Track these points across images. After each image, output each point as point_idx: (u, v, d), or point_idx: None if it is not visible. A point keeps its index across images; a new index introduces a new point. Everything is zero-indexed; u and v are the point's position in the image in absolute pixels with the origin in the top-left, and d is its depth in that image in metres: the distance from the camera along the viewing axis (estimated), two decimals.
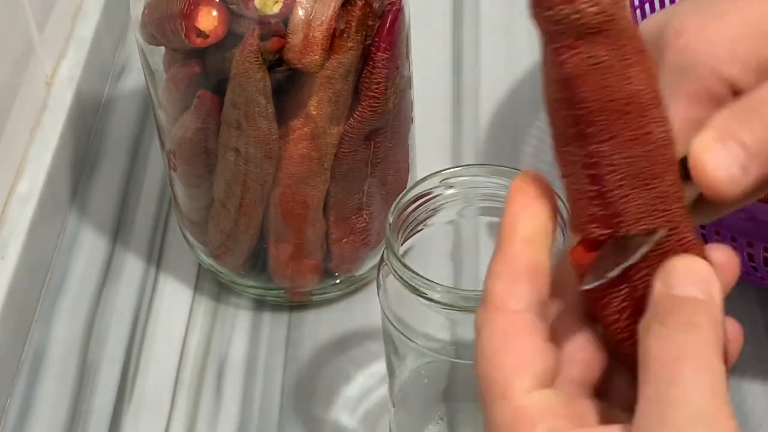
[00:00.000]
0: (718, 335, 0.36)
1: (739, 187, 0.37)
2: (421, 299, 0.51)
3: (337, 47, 0.59)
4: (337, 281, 0.69)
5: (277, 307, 0.70)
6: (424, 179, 0.54)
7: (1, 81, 0.71)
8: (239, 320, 0.70)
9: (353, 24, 0.58)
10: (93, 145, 0.81)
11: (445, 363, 0.56)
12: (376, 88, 0.61)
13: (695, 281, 0.37)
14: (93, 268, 0.73)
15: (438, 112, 0.81)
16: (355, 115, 0.62)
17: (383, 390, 0.66)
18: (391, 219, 0.53)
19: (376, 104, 0.61)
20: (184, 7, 0.57)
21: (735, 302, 0.69)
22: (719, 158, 0.37)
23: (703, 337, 0.35)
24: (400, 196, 0.54)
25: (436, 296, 0.51)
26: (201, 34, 0.57)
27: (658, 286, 0.37)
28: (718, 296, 0.37)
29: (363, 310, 0.70)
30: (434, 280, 0.51)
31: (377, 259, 0.69)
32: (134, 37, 0.62)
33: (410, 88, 0.66)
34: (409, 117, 0.67)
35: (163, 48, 0.61)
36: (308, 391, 0.66)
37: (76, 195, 0.77)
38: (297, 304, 0.70)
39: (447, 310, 0.51)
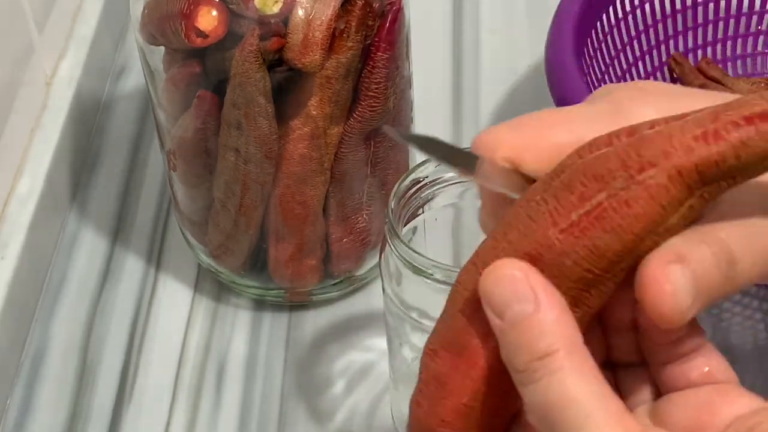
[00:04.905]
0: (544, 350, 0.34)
1: (684, 319, 0.34)
2: (426, 280, 0.52)
3: (337, 47, 0.59)
4: (337, 281, 0.69)
5: (277, 307, 0.70)
6: (423, 163, 0.55)
7: (1, 81, 0.71)
8: (239, 320, 0.70)
9: (353, 24, 0.58)
10: (93, 145, 0.81)
11: None
12: (376, 88, 0.61)
13: (491, 308, 0.35)
14: (93, 268, 0.73)
15: (438, 112, 0.81)
16: (355, 115, 0.62)
17: (384, 390, 0.66)
18: (392, 204, 0.54)
19: (376, 104, 0.61)
20: (184, 6, 0.57)
21: (736, 302, 0.69)
22: (679, 284, 0.34)
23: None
24: (401, 180, 0.54)
25: (439, 276, 0.52)
26: (201, 33, 0.57)
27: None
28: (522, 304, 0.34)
29: (363, 310, 0.70)
30: (437, 261, 0.52)
31: (377, 259, 0.69)
32: (134, 37, 0.62)
33: (410, 88, 0.66)
34: (409, 117, 0.67)
35: (163, 48, 0.61)
36: (308, 391, 0.66)
37: (76, 195, 0.77)
38: (297, 304, 0.70)
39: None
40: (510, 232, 0.35)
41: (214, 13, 0.57)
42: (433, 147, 0.40)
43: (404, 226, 0.55)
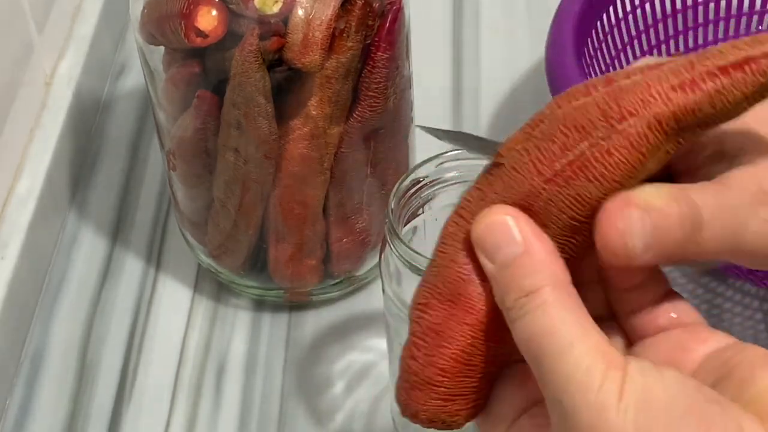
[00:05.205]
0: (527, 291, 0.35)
1: (630, 260, 0.35)
2: None
3: (337, 47, 0.59)
4: (337, 281, 0.69)
5: (277, 307, 0.70)
6: (423, 163, 0.55)
7: (1, 81, 0.71)
8: (239, 320, 0.70)
9: (353, 24, 0.58)
10: (92, 144, 0.81)
11: None
12: (376, 88, 0.61)
13: (482, 253, 0.36)
14: (92, 268, 0.73)
15: (438, 112, 0.81)
16: (355, 115, 0.62)
17: (384, 390, 0.65)
18: (392, 204, 0.53)
19: (376, 104, 0.61)
20: (184, 6, 0.57)
21: (736, 302, 0.69)
22: (633, 227, 0.35)
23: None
24: (401, 180, 0.54)
25: None
26: (200, 33, 0.57)
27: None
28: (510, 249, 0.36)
29: (363, 310, 0.70)
30: None
31: (377, 259, 0.69)
32: (134, 36, 0.62)
33: (410, 88, 0.66)
34: (409, 117, 0.67)
35: (162, 48, 0.61)
36: (308, 391, 0.66)
37: (76, 195, 0.77)
38: (297, 304, 0.70)
39: None
40: (495, 182, 0.37)
41: (214, 12, 0.57)
42: (464, 139, 0.41)
43: (404, 226, 0.55)
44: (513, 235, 0.36)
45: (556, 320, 0.34)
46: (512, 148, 0.37)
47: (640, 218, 0.35)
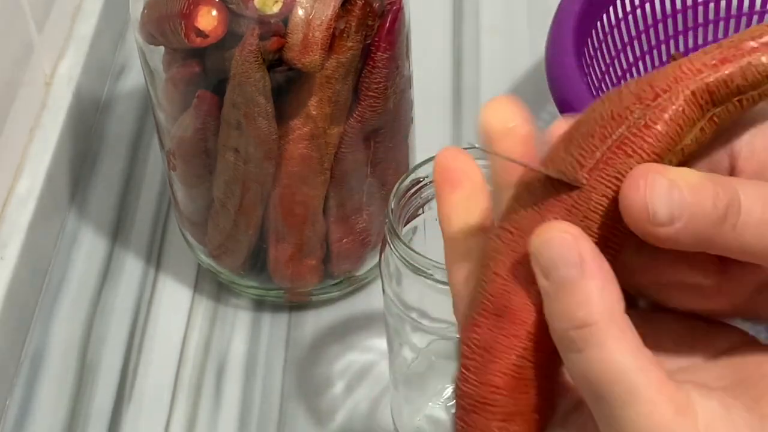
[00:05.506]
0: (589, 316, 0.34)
1: (653, 227, 0.34)
2: (426, 280, 0.52)
3: (337, 47, 0.59)
4: (337, 281, 0.69)
5: (276, 307, 0.70)
6: (423, 163, 0.55)
7: (1, 81, 0.71)
8: (239, 320, 0.70)
9: (353, 24, 0.58)
10: (92, 145, 0.81)
11: (449, 342, 0.57)
12: (376, 88, 0.61)
13: (541, 274, 0.35)
14: (92, 268, 0.73)
15: (438, 112, 0.81)
16: (355, 115, 0.62)
17: (384, 390, 0.66)
18: (392, 204, 0.53)
19: (376, 104, 0.61)
20: (184, 6, 0.57)
21: None
22: (656, 192, 0.34)
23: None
24: (401, 180, 0.54)
25: (439, 276, 0.51)
26: (200, 33, 0.57)
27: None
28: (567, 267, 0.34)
29: (363, 311, 0.70)
30: (437, 261, 0.52)
31: (377, 259, 0.69)
32: (134, 36, 0.62)
33: (410, 88, 0.66)
34: (409, 117, 0.67)
35: (162, 48, 0.61)
36: (308, 391, 0.66)
37: (76, 195, 0.77)
38: (297, 304, 0.70)
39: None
40: (537, 190, 0.37)
41: (214, 13, 0.57)
42: None
43: (404, 226, 0.55)
44: (570, 255, 0.34)
45: (614, 365, 0.33)
46: (555, 156, 0.37)
47: (667, 185, 0.34)
